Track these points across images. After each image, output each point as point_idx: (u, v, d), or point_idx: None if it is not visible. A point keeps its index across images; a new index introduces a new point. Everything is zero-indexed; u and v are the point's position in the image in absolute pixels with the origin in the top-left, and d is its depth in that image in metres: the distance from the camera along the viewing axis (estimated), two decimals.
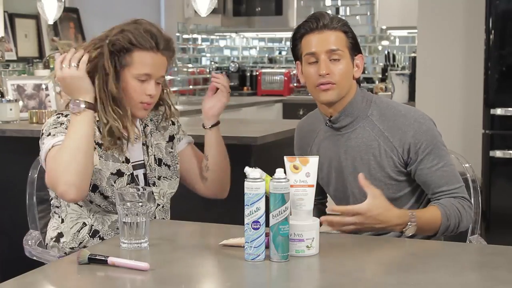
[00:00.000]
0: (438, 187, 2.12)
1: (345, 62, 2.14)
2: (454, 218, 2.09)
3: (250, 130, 3.49)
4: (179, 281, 1.64)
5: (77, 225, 2.19)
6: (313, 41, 2.13)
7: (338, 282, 1.64)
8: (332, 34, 2.13)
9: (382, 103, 2.21)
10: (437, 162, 2.12)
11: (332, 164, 2.22)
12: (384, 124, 2.16)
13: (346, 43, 2.15)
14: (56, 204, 2.23)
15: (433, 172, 2.12)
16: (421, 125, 2.14)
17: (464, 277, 1.68)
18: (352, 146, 2.19)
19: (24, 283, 1.63)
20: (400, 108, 2.19)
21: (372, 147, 2.16)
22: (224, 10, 6.62)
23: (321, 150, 2.24)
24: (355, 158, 2.17)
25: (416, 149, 2.12)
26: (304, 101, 6.18)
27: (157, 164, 2.28)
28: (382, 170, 2.13)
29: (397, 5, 5.98)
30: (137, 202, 1.85)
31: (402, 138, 2.13)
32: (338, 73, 2.12)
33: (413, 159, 2.13)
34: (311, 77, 2.15)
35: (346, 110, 2.18)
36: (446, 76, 4.77)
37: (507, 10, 4.24)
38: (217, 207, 3.14)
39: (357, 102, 2.18)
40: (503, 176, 4.32)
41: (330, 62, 2.12)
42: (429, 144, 2.12)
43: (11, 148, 3.62)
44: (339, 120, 2.19)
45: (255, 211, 1.71)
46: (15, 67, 4.72)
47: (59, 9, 4.59)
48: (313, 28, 2.14)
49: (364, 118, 2.18)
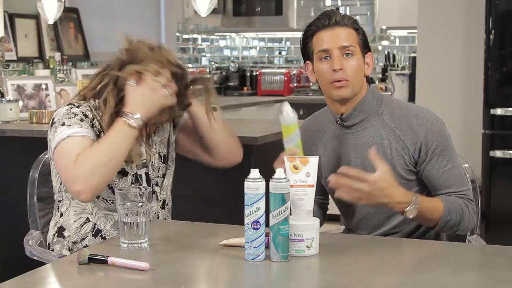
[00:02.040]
0: (445, 188, 2.12)
1: (357, 59, 2.14)
2: (455, 215, 2.09)
3: (250, 130, 3.48)
4: (179, 281, 1.64)
5: (80, 219, 2.18)
6: (325, 37, 2.13)
7: (338, 282, 1.64)
8: (343, 31, 2.13)
9: (393, 102, 2.22)
10: (446, 163, 2.13)
11: (340, 163, 2.21)
12: (396, 123, 2.16)
13: (357, 40, 2.15)
14: (59, 199, 2.23)
15: (441, 173, 2.12)
16: (433, 125, 2.14)
17: (464, 277, 1.68)
18: (361, 144, 2.18)
19: (24, 283, 1.63)
20: (412, 108, 2.20)
21: (383, 146, 2.16)
22: (224, 10, 6.62)
23: (328, 149, 2.24)
24: (365, 157, 2.16)
25: (427, 148, 2.12)
26: (304, 101, 6.18)
27: (162, 162, 2.28)
28: (393, 169, 2.11)
29: (397, 5, 5.97)
30: (137, 202, 1.85)
31: (414, 137, 2.13)
32: (351, 70, 2.12)
33: (422, 158, 2.13)
34: (324, 73, 2.14)
35: (358, 108, 2.18)
36: (446, 76, 4.76)
37: (507, 10, 4.24)
38: (217, 207, 3.14)
39: (369, 100, 2.19)
40: (503, 176, 4.32)
41: (342, 58, 2.12)
42: (439, 145, 2.13)
43: (11, 148, 3.62)
44: (351, 118, 2.19)
45: (255, 211, 1.71)
46: (15, 67, 4.72)
47: (59, 9, 4.59)
48: (325, 25, 2.14)
49: (375, 116, 2.19)
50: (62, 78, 4.61)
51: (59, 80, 4.56)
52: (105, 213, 2.18)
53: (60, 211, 2.22)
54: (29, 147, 3.13)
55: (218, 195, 3.13)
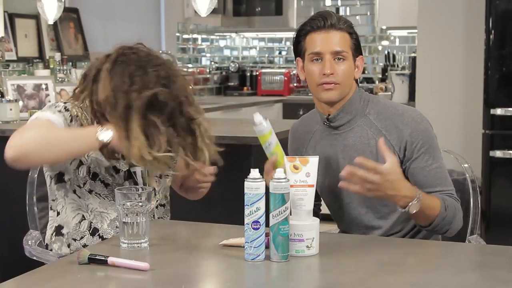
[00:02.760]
0: (432, 187, 2.12)
1: (348, 63, 2.15)
2: (451, 213, 2.08)
3: (250, 130, 3.48)
4: (179, 281, 1.64)
5: (78, 216, 2.18)
6: (318, 40, 2.14)
7: (338, 282, 1.64)
8: (337, 35, 2.14)
9: (379, 102, 2.22)
10: (432, 162, 2.12)
11: (330, 164, 2.22)
12: (382, 123, 2.17)
13: (350, 44, 2.15)
14: (52, 198, 2.22)
15: (427, 172, 2.12)
16: (419, 124, 2.15)
17: (464, 277, 1.68)
18: (349, 145, 2.19)
19: (24, 283, 1.63)
20: (398, 107, 2.20)
21: (369, 146, 2.16)
22: (224, 10, 6.62)
23: (317, 151, 2.24)
24: (353, 157, 2.16)
25: (412, 147, 2.12)
26: (304, 101, 6.18)
27: None
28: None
29: (397, 5, 5.98)
30: (137, 202, 1.85)
31: (400, 136, 2.13)
32: (341, 73, 2.13)
33: (407, 156, 2.13)
34: (314, 75, 2.15)
35: (345, 109, 2.18)
36: (446, 76, 4.77)
37: (507, 10, 4.25)
38: (217, 207, 3.14)
39: (355, 101, 2.19)
40: (503, 176, 4.32)
41: (334, 61, 2.12)
42: (425, 144, 2.13)
43: None
44: (337, 119, 2.19)
45: (255, 211, 1.71)
46: (15, 67, 4.72)
47: (59, 9, 4.59)
48: (320, 26, 2.14)
49: (362, 116, 2.19)
50: (62, 78, 4.61)
51: (59, 80, 4.56)
52: (100, 211, 2.17)
53: (56, 210, 2.21)
54: None
55: (218, 195, 3.12)
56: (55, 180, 2.19)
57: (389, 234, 2.18)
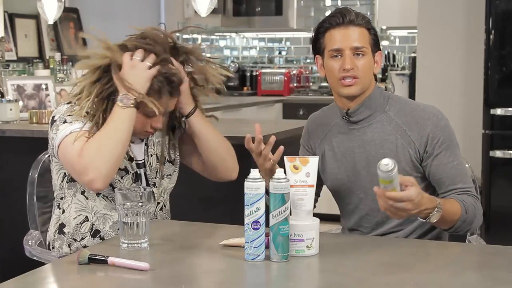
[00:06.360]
0: (453, 184, 2.12)
1: (368, 58, 2.15)
2: (471, 213, 2.08)
3: (250, 130, 3.48)
4: (179, 281, 1.64)
5: (80, 217, 2.18)
6: (337, 36, 2.14)
7: (338, 282, 1.64)
8: (356, 30, 2.14)
9: (400, 99, 2.24)
10: (453, 159, 2.13)
11: (344, 158, 2.22)
12: (402, 119, 2.17)
13: (369, 40, 2.16)
14: (61, 196, 2.23)
15: (448, 169, 2.12)
16: (440, 120, 2.16)
17: (464, 277, 1.68)
18: (367, 140, 2.19)
19: (24, 283, 1.63)
20: (418, 104, 2.22)
21: (388, 141, 2.16)
22: (224, 10, 6.62)
23: (334, 144, 2.24)
24: (370, 153, 2.17)
25: (434, 143, 2.13)
26: (304, 101, 6.18)
27: (167, 163, 2.29)
28: (398, 163, 2.09)
29: (397, 5, 5.98)
30: (137, 202, 1.85)
31: (421, 131, 2.14)
32: (361, 68, 2.14)
33: (429, 152, 2.13)
34: (334, 71, 2.15)
35: (365, 103, 2.19)
36: (446, 76, 4.77)
37: (507, 10, 4.24)
38: (217, 207, 3.14)
39: (376, 97, 2.20)
40: (503, 176, 4.32)
41: (353, 57, 2.13)
42: (445, 140, 2.14)
43: (11, 148, 3.62)
44: (357, 113, 2.19)
45: (255, 211, 1.71)
46: (15, 67, 4.72)
47: (59, 9, 4.59)
48: (339, 23, 2.14)
49: (382, 113, 2.20)
50: (62, 78, 4.61)
51: (59, 80, 4.56)
52: (104, 213, 2.18)
53: (62, 208, 2.22)
54: (29, 147, 3.13)
55: (218, 195, 3.13)
56: (67, 179, 2.20)
57: (399, 230, 2.18)
